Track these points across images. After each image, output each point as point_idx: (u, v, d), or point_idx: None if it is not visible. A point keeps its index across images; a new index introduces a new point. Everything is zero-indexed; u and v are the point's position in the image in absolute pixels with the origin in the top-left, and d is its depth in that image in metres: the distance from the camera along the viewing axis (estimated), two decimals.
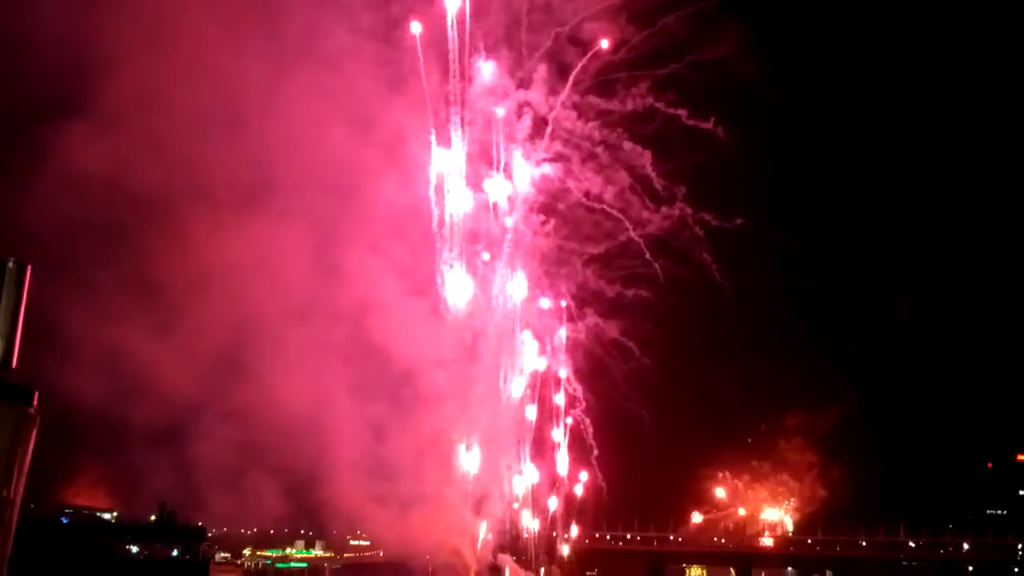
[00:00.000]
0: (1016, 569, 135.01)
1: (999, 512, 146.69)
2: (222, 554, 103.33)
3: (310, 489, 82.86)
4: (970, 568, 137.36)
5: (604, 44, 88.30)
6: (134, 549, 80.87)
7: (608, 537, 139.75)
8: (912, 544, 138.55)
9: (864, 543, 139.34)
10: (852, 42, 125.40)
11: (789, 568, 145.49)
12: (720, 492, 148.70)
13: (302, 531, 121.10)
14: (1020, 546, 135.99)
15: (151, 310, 75.41)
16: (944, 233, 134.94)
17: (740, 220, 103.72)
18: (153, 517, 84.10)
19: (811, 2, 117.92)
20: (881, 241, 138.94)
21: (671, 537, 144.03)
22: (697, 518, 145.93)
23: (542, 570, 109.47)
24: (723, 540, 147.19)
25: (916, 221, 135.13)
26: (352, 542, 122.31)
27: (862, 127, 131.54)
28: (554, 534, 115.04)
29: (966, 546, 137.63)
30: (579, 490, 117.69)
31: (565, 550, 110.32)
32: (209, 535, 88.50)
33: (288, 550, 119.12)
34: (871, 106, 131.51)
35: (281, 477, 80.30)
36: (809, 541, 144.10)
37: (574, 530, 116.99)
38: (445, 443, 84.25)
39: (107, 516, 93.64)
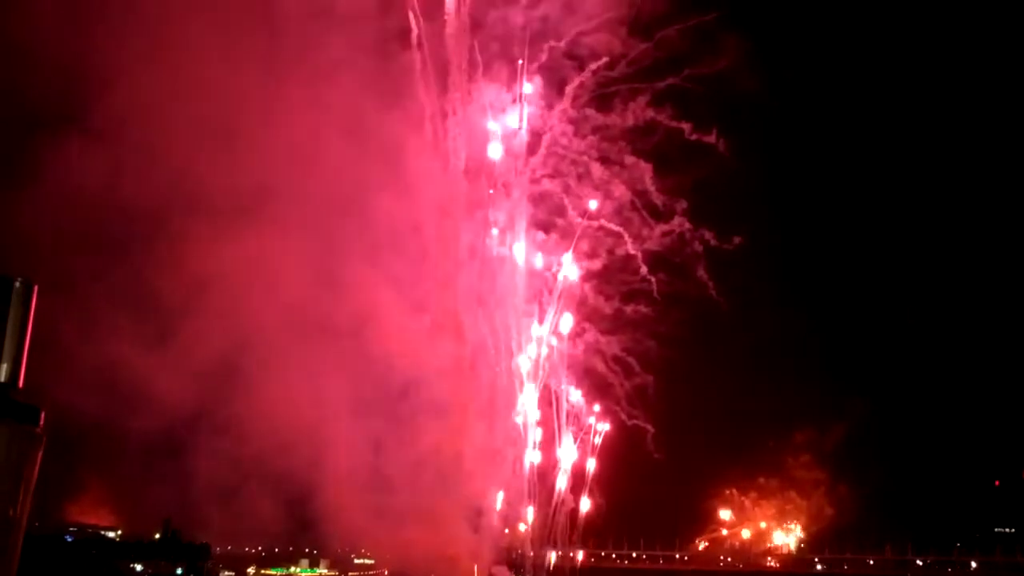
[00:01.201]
0: None
1: (1007, 530, 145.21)
2: (226, 572, 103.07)
3: (312, 505, 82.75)
4: None
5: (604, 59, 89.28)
6: (138, 567, 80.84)
7: (614, 555, 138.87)
8: (920, 563, 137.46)
9: (871, 562, 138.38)
10: (854, 55, 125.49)
11: None
12: (725, 514, 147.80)
13: (307, 549, 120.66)
14: None
15: (150, 324, 75.71)
16: (951, 249, 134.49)
17: (738, 239, 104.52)
18: (158, 535, 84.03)
19: (811, 15, 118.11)
20: (886, 255, 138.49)
21: (677, 555, 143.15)
22: (702, 546, 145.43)
23: None
24: (730, 559, 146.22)
25: (922, 237, 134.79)
26: (356, 560, 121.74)
27: (864, 139, 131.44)
28: (558, 552, 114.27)
29: (974, 564, 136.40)
30: (583, 507, 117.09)
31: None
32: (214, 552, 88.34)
33: (292, 568, 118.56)
34: (874, 118, 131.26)
35: (283, 492, 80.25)
36: (816, 560, 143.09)
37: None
38: (444, 456, 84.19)
39: (111, 534, 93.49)
